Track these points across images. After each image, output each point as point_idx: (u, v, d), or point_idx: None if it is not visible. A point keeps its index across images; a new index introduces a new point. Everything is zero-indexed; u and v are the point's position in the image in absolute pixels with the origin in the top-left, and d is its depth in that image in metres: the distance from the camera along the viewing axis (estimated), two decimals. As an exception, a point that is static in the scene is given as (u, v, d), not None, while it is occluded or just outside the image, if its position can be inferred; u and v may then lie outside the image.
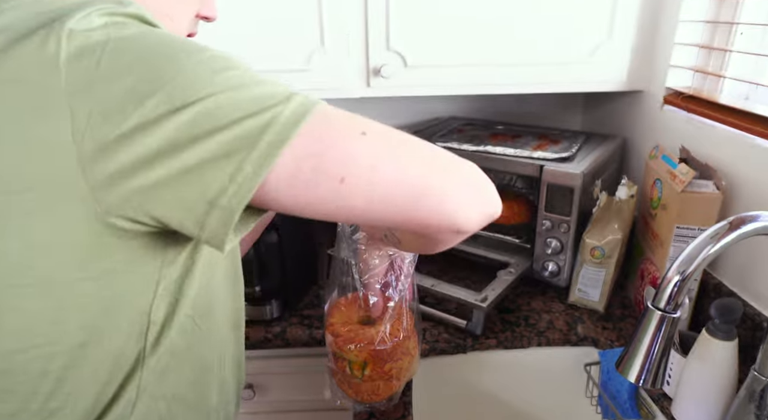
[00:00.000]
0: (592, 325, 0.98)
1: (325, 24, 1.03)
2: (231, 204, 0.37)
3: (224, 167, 0.37)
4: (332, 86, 1.09)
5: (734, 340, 0.69)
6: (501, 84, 1.10)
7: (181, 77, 0.37)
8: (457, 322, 0.97)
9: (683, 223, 0.84)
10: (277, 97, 0.39)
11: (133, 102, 0.36)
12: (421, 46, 1.06)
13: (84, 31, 0.37)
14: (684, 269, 0.54)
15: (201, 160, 0.37)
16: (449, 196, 0.43)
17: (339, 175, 0.39)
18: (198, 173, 0.37)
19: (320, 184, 0.39)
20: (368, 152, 0.40)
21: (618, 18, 1.04)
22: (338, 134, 0.40)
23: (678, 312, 0.54)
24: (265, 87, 0.39)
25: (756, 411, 0.64)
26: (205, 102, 0.37)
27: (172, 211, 0.39)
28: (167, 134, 0.36)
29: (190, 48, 0.39)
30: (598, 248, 0.97)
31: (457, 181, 0.44)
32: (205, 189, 0.37)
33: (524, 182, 1.25)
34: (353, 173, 0.39)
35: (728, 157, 0.87)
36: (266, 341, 0.97)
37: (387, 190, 0.41)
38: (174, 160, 0.37)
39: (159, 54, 0.38)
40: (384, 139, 0.42)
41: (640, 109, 1.16)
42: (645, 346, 0.55)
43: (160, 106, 0.36)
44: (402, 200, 0.41)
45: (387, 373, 0.76)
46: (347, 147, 0.40)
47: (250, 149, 0.37)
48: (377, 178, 0.40)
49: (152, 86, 0.37)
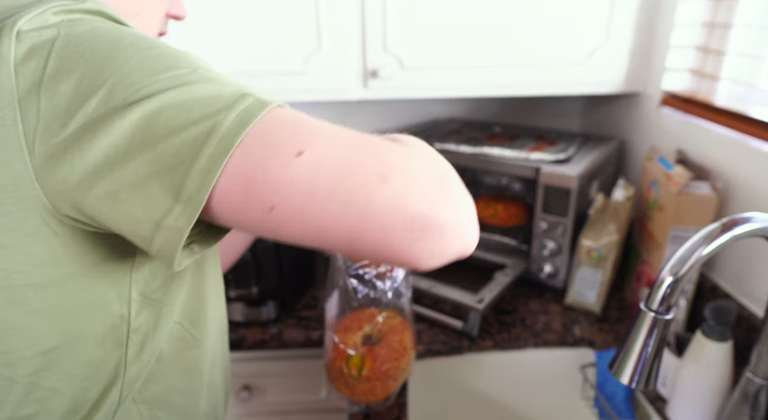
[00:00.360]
0: (588, 326, 0.98)
1: (322, 26, 1.04)
2: (178, 224, 0.35)
3: (168, 184, 0.34)
4: (329, 88, 1.09)
5: (729, 342, 0.69)
6: (498, 86, 1.11)
7: (123, 73, 0.35)
8: (454, 323, 0.97)
9: (679, 225, 0.84)
10: (222, 99, 0.35)
11: (77, 101, 0.34)
12: (419, 48, 1.06)
13: (35, 29, 0.36)
14: (676, 271, 0.53)
15: (145, 175, 0.34)
16: (395, 240, 0.35)
17: (268, 203, 0.34)
18: (143, 189, 0.34)
19: (250, 210, 0.35)
20: (302, 178, 0.34)
21: (615, 20, 1.04)
22: (272, 152, 0.34)
23: (671, 314, 0.54)
24: (212, 87, 0.35)
25: (750, 412, 0.64)
26: (148, 103, 0.34)
27: (121, 225, 0.36)
28: (111, 141, 0.34)
29: (139, 43, 0.37)
30: (594, 250, 0.97)
31: (410, 218, 0.35)
32: (150, 208, 0.35)
33: (522, 184, 1.25)
34: (283, 202, 0.34)
35: (724, 159, 0.87)
36: (263, 342, 0.98)
37: (325, 224, 0.35)
38: (118, 173, 0.34)
39: (104, 49, 0.35)
40: (327, 159, 0.35)
41: (637, 110, 1.16)
42: (637, 347, 0.55)
43: (101, 106, 0.34)
44: (344, 235, 0.35)
45: (385, 373, 0.76)
46: (276, 171, 0.34)
47: (192, 163, 0.33)
48: (311, 208, 0.35)
49: (95, 83, 0.34)
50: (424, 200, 0.36)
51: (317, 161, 0.34)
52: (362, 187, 0.34)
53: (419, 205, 0.35)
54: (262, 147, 0.34)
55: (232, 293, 0.98)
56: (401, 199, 0.35)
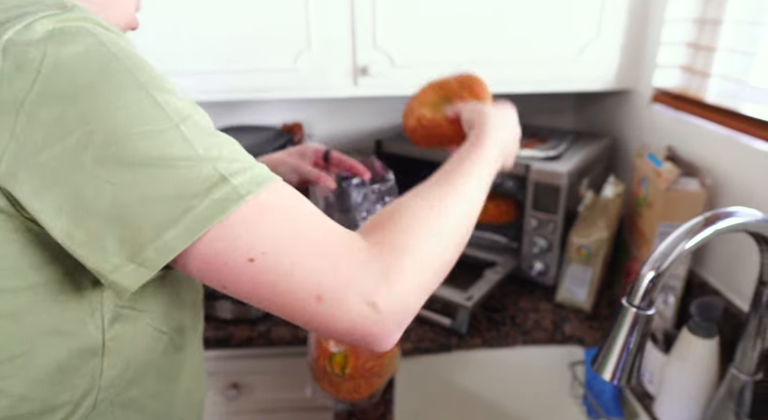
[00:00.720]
0: (578, 324, 0.98)
1: (311, 23, 1.03)
2: (129, 278, 0.37)
3: (128, 246, 0.36)
4: (319, 85, 1.09)
5: (715, 338, 0.69)
6: (489, 83, 1.10)
7: (105, 120, 0.35)
8: (443, 321, 0.96)
9: (667, 221, 0.84)
10: (198, 183, 0.36)
11: (56, 134, 0.34)
12: (409, 45, 1.06)
13: (22, 44, 0.34)
14: (658, 265, 0.53)
15: (106, 230, 0.36)
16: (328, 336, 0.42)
17: (221, 282, 0.39)
18: (98, 242, 0.36)
19: (206, 279, 0.39)
20: (249, 279, 0.38)
21: (606, 16, 1.04)
22: (228, 250, 0.37)
23: (652, 309, 0.54)
24: (190, 164, 0.36)
25: (735, 409, 0.63)
26: (123, 169, 0.35)
27: (75, 252, 0.37)
28: (78, 189, 0.35)
29: (126, 80, 0.36)
30: (584, 247, 0.96)
31: (337, 333, 0.41)
32: (104, 258, 0.37)
33: (514, 181, 1.25)
34: (232, 286, 0.39)
35: (715, 156, 0.87)
36: (251, 340, 0.97)
37: (269, 308, 0.41)
38: (79, 218, 0.36)
39: (91, 86, 0.35)
40: (271, 272, 0.38)
41: (629, 107, 1.15)
42: (619, 343, 0.55)
43: (78, 149, 0.34)
44: (286, 316, 0.41)
45: (369, 370, 0.75)
46: (229, 265, 0.38)
47: (156, 237, 0.36)
48: (256, 299, 0.40)
49: (76, 122, 0.35)
50: (351, 322, 0.40)
51: (264, 270, 0.38)
52: (298, 303, 0.39)
53: (345, 325, 0.40)
54: (222, 240, 0.37)
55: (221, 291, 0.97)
56: (329, 320, 0.40)
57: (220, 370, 1.03)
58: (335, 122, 1.37)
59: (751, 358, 0.61)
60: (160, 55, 1.05)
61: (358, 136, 1.39)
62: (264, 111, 1.37)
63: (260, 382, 1.05)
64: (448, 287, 0.97)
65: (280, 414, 1.08)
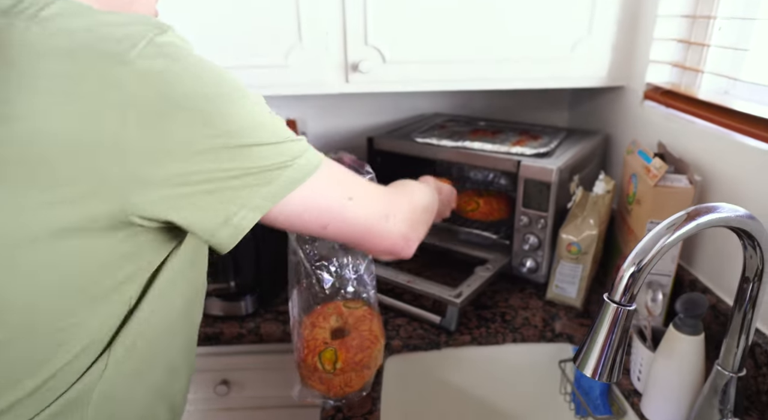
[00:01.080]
0: (568, 321, 0.97)
1: (302, 19, 1.03)
2: (242, 223, 0.49)
3: (240, 197, 0.48)
4: (311, 82, 1.09)
5: (700, 335, 0.68)
6: (480, 80, 1.10)
7: (228, 120, 0.46)
8: (432, 318, 0.96)
9: (656, 218, 0.83)
10: (295, 150, 0.51)
11: (189, 132, 0.44)
12: (400, 41, 1.06)
13: (148, 58, 0.42)
14: (639, 260, 0.53)
15: (231, 188, 0.47)
16: (388, 238, 0.64)
17: (323, 224, 0.56)
18: (225, 195, 0.47)
19: (307, 223, 0.55)
20: (352, 215, 0.58)
21: (598, 13, 1.03)
22: (334, 193, 0.56)
23: (633, 305, 0.53)
24: (288, 144, 0.51)
25: (719, 405, 0.63)
26: (254, 150, 0.47)
27: (190, 221, 0.47)
28: (209, 166, 0.45)
29: (234, 89, 0.48)
30: (574, 244, 0.96)
31: (400, 224, 0.65)
32: (225, 210, 0.47)
33: (507, 179, 1.24)
34: (335, 225, 0.57)
35: (705, 152, 0.86)
36: (240, 337, 0.97)
37: (353, 237, 0.61)
38: (207, 184, 0.46)
39: (208, 93, 0.45)
40: (363, 202, 0.59)
41: (621, 104, 1.15)
42: (601, 339, 0.54)
43: (209, 140, 0.44)
44: (360, 238, 0.61)
45: (359, 362, 0.75)
46: (340, 208, 0.56)
47: (267, 183, 0.49)
48: (350, 230, 0.59)
49: (206, 120, 0.44)
50: (403, 233, 0.65)
51: (360, 206, 0.59)
52: (376, 222, 0.61)
53: (401, 233, 0.65)
54: (323, 185, 0.54)
55: (209, 287, 0.97)
56: (393, 232, 0.64)
57: (210, 366, 1.03)
58: (327, 119, 1.37)
59: (735, 354, 0.61)
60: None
61: (350, 133, 1.39)
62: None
63: (250, 379, 1.05)
64: (437, 284, 0.97)
65: (271, 410, 1.08)
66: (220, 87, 0.46)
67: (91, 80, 0.40)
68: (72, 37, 0.41)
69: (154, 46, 0.43)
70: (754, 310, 0.59)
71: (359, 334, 0.76)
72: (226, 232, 0.48)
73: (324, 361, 0.75)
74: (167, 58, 0.43)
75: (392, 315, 0.99)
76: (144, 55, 0.42)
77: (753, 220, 0.53)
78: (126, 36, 0.42)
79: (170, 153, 0.43)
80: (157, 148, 0.43)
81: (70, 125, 0.40)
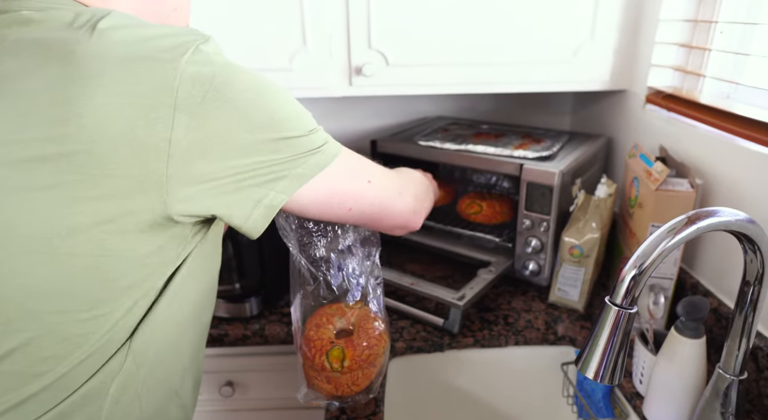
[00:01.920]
0: (571, 324, 0.98)
1: (306, 23, 1.04)
2: (273, 202, 0.53)
3: (273, 182, 0.53)
4: (315, 85, 1.10)
5: (702, 338, 0.69)
6: (483, 83, 1.11)
7: (274, 116, 0.51)
8: (435, 320, 0.97)
9: (658, 222, 0.84)
10: (319, 142, 0.56)
11: (228, 130, 0.48)
12: (403, 45, 1.07)
13: (198, 63, 0.47)
14: (640, 263, 0.53)
15: (265, 177, 0.52)
16: (399, 222, 0.72)
17: (348, 207, 0.62)
18: (263, 182, 0.52)
19: (333, 207, 0.61)
20: (372, 195, 0.64)
21: (600, 17, 1.04)
22: (352, 176, 0.61)
23: (634, 308, 0.54)
24: (312, 136, 0.56)
25: (721, 408, 0.63)
26: (288, 141, 0.53)
27: (228, 209, 0.51)
28: (252, 160, 0.50)
29: (273, 89, 0.53)
30: (576, 247, 0.97)
31: (410, 199, 0.72)
32: (258, 194, 0.52)
33: (510, 182, 1.25)
34: (358, 206, 0.63)
35: (707, 156, 0.87)
36: (245, 338, 0.98)
37: (373, 216, 0.66)
38: (249, 177, 0.51)
39: (247, 96, 0.50)
40: (380, 183, 0.65)
41: (623, 108, 1.15)
42: (602, 342, 0.55)
43: (248, 135, 0.49)
44: (379, 216, 0.67)
45: (365, 360, 0.76)
46: (362, 190, 0.63)
47: (295, 167, 0.54)
48: (371, 209, 0.65)
49: (249, 119, 0.49)
50: (413, 207, 0.73)
51: (378, 186, 0.65)
52: (391, 199, 0.68)
53: (412, 207, 0.73)
54: (345, 171, 0.60)
55: (214, 289, 0.98)
56: (405, 206, 0.71)
57: (215, 368, 1.04)
58: (331, 122, 1.38)
59: (736, 357, 0.61)
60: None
61: (354, 136, 1.40)
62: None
63: (255, 380, 1.06)
64: (440, 286, 0.98)
65: (275, 412, 1.09)
66: (258, 86, 0.51)
67: (146, 84, 0.44)
68: (129, 46, 0.46)
69: (200, 54, 0.47)
70: (755, 314, 0.59)
71: (365, 332, 0.77)
72: (258, 212, 0.53)
73: (332, 360, 0.76)
74: (212, 64, 0.48)
75: (395, 317, 1.00)
76: (192, 61, 0.46)
77: (753, 224, 0.54)
78: (177, 45, 0.47)
79: (215, 150, 0.48)
80: (203, 146, 0.47)
81: (125, 124, 0.44)
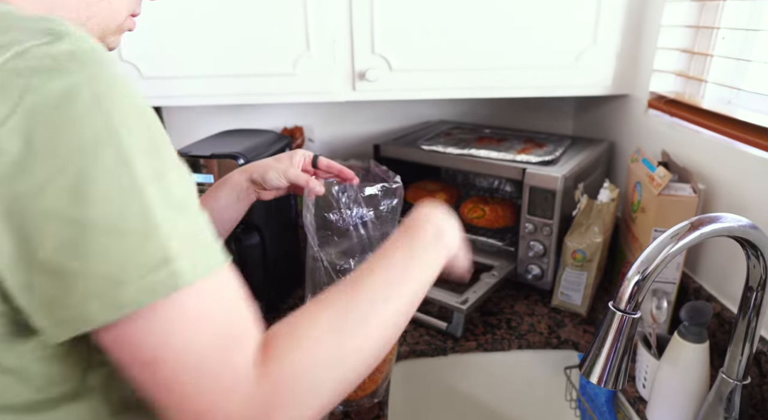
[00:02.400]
0: (574, 328, 0.98)
1: (310, 28, 1.05)
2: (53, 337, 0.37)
3: (56, 308, 0.35)
4: (318, 90, 1.10)
5: (705, 343, 0.69)
6: (486, 88, 1.11)
7: (76, 172, 0.34)
8: (438, 324, 0.97)
9: (660, 226, 0.84)
10: (139, 260, 0.35)
11: (43, 185, 0.33)
12: (406, 50, 1.07)
13: (8, 71, 0.32)
14: (644, 269, 0.53)
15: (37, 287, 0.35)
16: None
17: (146, 359, 0.37)
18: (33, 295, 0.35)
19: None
20: (144, 379, 0.38)
21: (602, 23, 1.05)
22: (135, 347, 0.37)
23: (638, 312, 0.54)
24: (153, 243, 0.35)
25: (725, 414, 0.64)
26: (90, 228, 0.34)
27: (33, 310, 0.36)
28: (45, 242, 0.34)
29: (102, 134, 0.34)
30: (579, 251, 0.97)
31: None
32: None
33: (513, 186, 1.25)
34: (139, 377, 0.38)
35: (709, 161, 0.87)
36: (248, 342, 0.98)
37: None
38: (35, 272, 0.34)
39: (70, 142, 0.34)
40: (158, 379, 0.38)
41: (626, 113, 1.16)
42: (606, 347, 0.55)
43: (57, 199, 0.33)
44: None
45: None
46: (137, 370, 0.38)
47: (80, 304, 0.35)
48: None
49: (45, 165, 0.33)
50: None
51: (155, 379, 0.37)
52: (174, 402, 0.38)
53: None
54: (133, 333, 0.36)
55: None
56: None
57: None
58: (334, 127, 1.39)
59: (739, 362, 0.62)
60: (162, 60, 1.07)
61: (357, 141, 1.40)
62: (264, 115, 1.39)
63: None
64: (444, 290, 0.98)
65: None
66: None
67: None
68: None
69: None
70: (758, 319, 0.60)
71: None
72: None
73: None
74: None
75: (398, 321, 1.00)
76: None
77: (756, 230, 0.54)
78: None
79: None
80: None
81: None
